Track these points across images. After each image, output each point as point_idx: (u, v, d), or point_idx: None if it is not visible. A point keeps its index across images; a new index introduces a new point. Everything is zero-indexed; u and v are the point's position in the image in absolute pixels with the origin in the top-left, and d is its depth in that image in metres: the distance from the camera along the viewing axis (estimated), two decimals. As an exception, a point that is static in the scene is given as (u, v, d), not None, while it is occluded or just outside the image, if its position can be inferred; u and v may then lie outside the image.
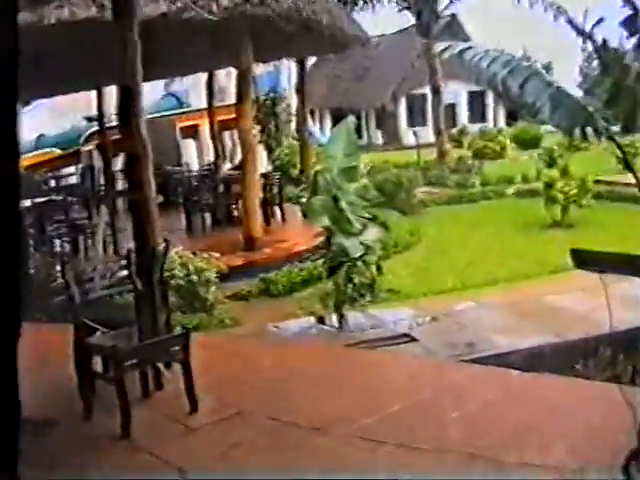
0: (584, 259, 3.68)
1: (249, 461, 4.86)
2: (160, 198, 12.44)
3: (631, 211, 14.83)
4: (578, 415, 5.25)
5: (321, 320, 8.63)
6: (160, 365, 6.03)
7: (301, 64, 16.40)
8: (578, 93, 8.08)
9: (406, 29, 35.72)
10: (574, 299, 8.76)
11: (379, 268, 8.60)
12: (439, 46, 6.94)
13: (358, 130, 12.44)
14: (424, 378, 6.33)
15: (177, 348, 5.71)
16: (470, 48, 6.68)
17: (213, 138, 18.04)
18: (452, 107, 39.86)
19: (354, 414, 5.43)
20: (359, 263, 8.38)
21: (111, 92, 17.57)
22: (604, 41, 5.91)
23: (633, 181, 7.14)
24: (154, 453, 4.96)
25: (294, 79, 21.42)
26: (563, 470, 4.33)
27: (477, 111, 44.42)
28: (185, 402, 5.64)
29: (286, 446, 5.04)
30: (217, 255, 9.71)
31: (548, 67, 45.85)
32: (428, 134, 31.01)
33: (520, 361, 6.66)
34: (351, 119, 9.57)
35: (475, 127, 36.28)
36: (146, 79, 6.38)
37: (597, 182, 16.29)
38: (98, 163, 18.56)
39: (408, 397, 5.71)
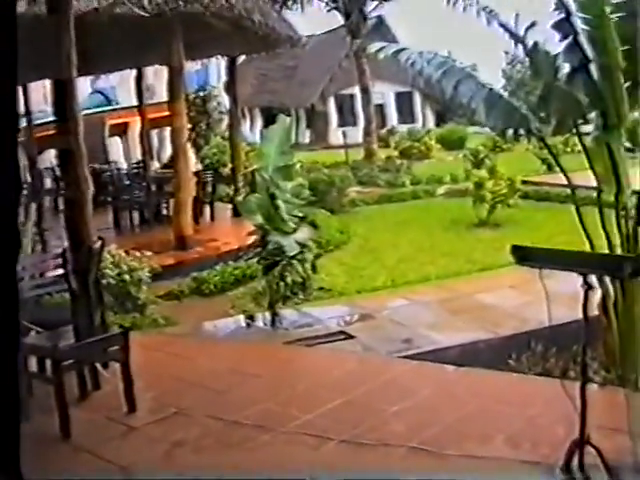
0: (524, 255, 3.79)
1: (192, 460, 4.84)
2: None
3: (555, 210, 15.20)
4: (515, 408, 5.39)
5: (252, 318, 8.65)
6: (98, 365, 5.97)
7: (232, 62, 16.34)
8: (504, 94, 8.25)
9: (334, 29, 35.87)
10: (503, 296, 8.98)
11: (314, 266, 8.65)
12: (374, 46, 7.04)
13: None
14: (363, 374, 6.41)
15: (116, 348, 5.66)
16: (404, 49, 6.80)
17: (142, 136, 17.85)
18: (381, 107, 40.18)
19: (296, 411, 5.47)
20: (294, 262, 8.41)
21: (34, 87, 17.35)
22: (535, 44, 6.07)
23: (558, 181, 7.38)
24: (96, 453, 4.92)
25: (223, 77, 21.38)
26: (503, 461, 4.45)
27: (405, 112, 44.86)
28: (124, 402, 5.59)
29: (229, 444, 5.05)
30: (149, 254, 9.62)
31: (474, 69, 46.45)
32: (357, 134, 31.21)
33: (455, 356, 6.78)
34: (284, 118, 9.59)
35: (404, 127, 36.67)
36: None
37: (525, 182, 16.67)
38: (23, 161, 18.17)
39: (348, 393, 5.77)
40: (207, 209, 15.44)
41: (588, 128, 6.56)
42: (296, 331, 8.10)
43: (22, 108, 17.62)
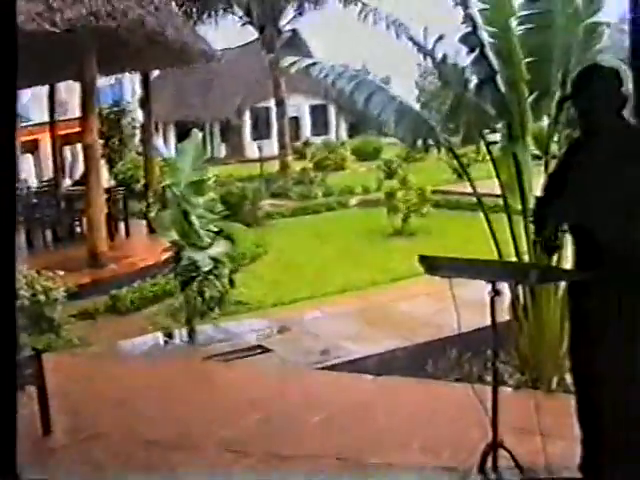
0: (432, 265, 3.87)
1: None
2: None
3: (467, 218, 15.50)
4: (432, 415, 5.49)
5: (169, 336, 8.58)
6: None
7: (145, 77, 16.21)
8: (415, 106, 8.43)
9: (249, 43, 35.88)
10: (419, 304, 9.13)
11: (231, 281, 8.65)
12: (286, 61, 7.11)
13: (202, 144, 12.47)
14: (283, 387, 6.42)
15: (30, 371, 5.53)
16: (316, 63, 6.88)
17: (54, 153, 17.52)
18: (296, 120, 40.34)
19: (214, 427, 5.44)
20: (211, 277, 8.39)
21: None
22: (444, 56, 6.22)
23: (468, 190, 7.52)
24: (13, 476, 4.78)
25: (138, 92, 21.16)
26: (424, 469, 4.52)
27: (320, 124, 45.14)
28: (39, 424, 5.47)
29: (148, 464, 4.98)
30: (62, 273, 9.44)
31: (387, 81, 47.21)
32: (272, 147, 31.25)
33: (373, 366, 6.86)
34: (197, 132, 9.57)
35: (318, 139, 36.89)
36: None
37: (435, 192, 16.96)
38: None
39: (267, 407, 5.78)
40: (122, 226, 15.25)
41: (497, 137, 6.75)
42: (214, 346, 8.07)
43: None
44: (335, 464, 4.73)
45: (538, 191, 6.08)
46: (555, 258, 5.06)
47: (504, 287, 4.27)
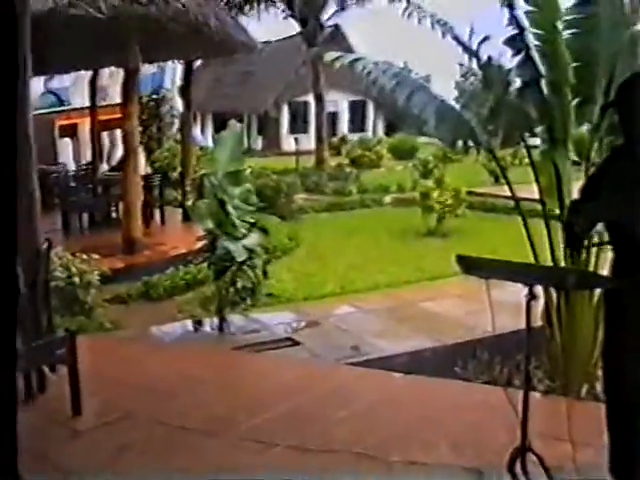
0: (470, 265, 3.86)
1: (138, 464, 4.82)
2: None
3: (502, 221, 15.43)
4: (460, 415, 5.47)
5: (199, 323, 8.63)
6: (45, 368, 5.91)
7: (188, 66, 16.31)
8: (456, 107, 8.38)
9: (291, 37, 35.96)
10: (450, 305, 9.11)
11: (265, 272, 8.68)
12: (330, 55, 7.10)
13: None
14: (310, 380, 6.44)
15: (63, 350, 5.61)
16: (360, 59, 6.88)
17: (93, 138, 17.68)
18: (333, 115, 40.37)
19: (242, 416, 5.48)
20: (244, 267, 8.42)
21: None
22: (489, 58, 6.19)
23: (503, 193, 7.48)
24: (40, 456, 4.86)
25: (177, 81, 21.28)
26: (447, 468, 4.52)
27: (357, 120, 45.14)
28: (69, 405, 5.54)
29: (175, 449, 5.03)
30: (97, 257, 9.54)
31: (427, 80, 47.16)
32: (309, 141, 31.30)
33: (402, 364, 6.86)
34: (236, 123, 9.62)
35: (355, 136, 36.88)
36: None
37: (470, 193, 16.88)
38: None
39: (295, 399, 5.80)
40: (157, 213, 15.36)
41: (536, 141, 6.71)
42: (243, 337, 8.11)
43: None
44: (358, 460, 4.74)
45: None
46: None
47: (540, 291, 4.25)
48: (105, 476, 4.68)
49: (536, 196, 6.71)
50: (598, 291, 6.15)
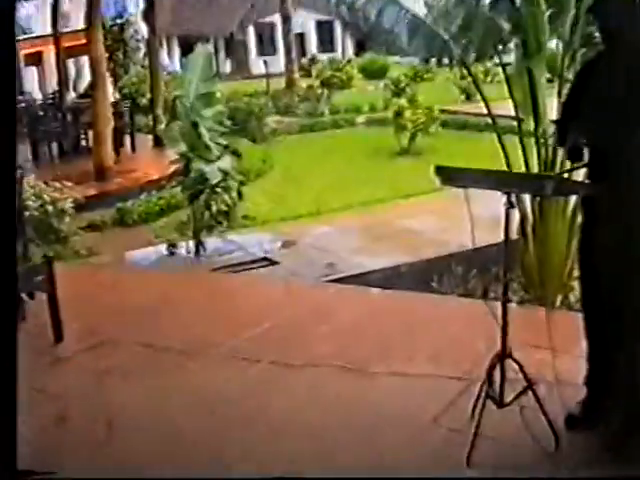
0: (449, 175, 3.85)
1: (123, 387, 4.87)
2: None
3: (474, 138, 15.46)
4: (438, 328, 5.56)
5: (175, 247, 8.63)
6: (23, 295, 5.89)
7: (150, -12, 15.96)
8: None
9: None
10: (425, 221, 9.19)
11: (240, 194, 8.67)
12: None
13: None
14: (289, 298, 6.50)
15: (40, 277, 5.60)
16: (330, -26, 6.74)
17: (58, 66, 17.34)
18: (301, 36, 39.75)
19: (223, 336, 5.53)
20: (219, 189, 8.40)
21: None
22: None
23: (476, 110, 7.46)
24: (24, 382, 4.88)
25: (141, 4, 20.82)
26: (429, 377, 4.62)
27: (326, 41, 44.49)
28: (50, 332, 5.56)
29: (160, 370, 5.06)
30: (70, 185, 9.46)
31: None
32: (278, 63, 30.89)
33: (379, 280, 6.93)
34: (205, 46, 9.50)
35: (324, 57, 36.38)
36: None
37: (442, 111, 16.82)
38: None
39: (275, 317, 5.85)
40: (127, 140, 15.20)
41: (509, 59, 6.69)
42: (221, 259, 8.15)
43: None
44: (341, 373, 4.82)
45: (552, 113, 6.10)
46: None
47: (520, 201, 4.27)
48: (91, 398, 4.72)
49: (509, 113, 6.72)
50: (571, 204, 6.24)
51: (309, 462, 3.89)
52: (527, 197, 6.01)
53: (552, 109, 6.12)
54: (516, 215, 3.89)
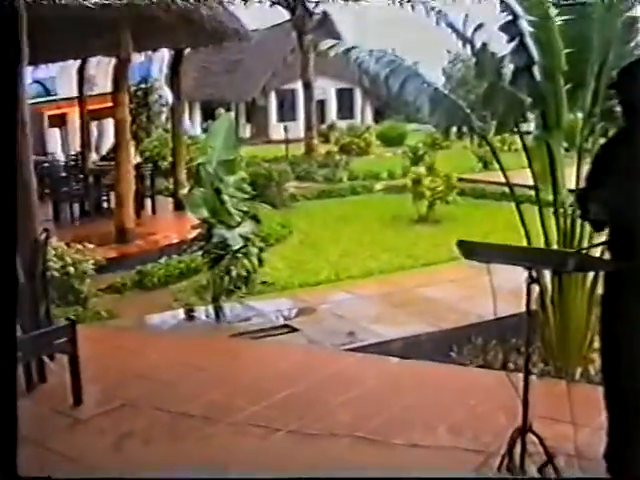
0: (470, 249, 3.90)
1: (141, 451, 4.87)
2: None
3: (492, 207, 15.55)
4: (458, 399, 5.54)
5: (192, 312, 8.67)
6: (45, 357, 5.94)
7: (177, 55, 16.28)
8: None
9: (279, 24, 35.86)
10: (444, 290, 9.17)
11: (260, 260, 8.72)
12: (326, 44, 7.14)
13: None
14: (309, 366, 6.50)
15: (63, 339, 5.64)
16: (355, 47, 6.93)
17: (82, 128, 17.66)
18: (321, 103, 40.28)
19: (243, 403, 5.53)
20: (239, 255, 8.47)
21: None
22: (484, 45, 6.24)
23: (494, 179, 7.51)
24: (43, 445, 4.90)
25: (165, 69, 21.24)
26: (447, 450, 4.59)
27: (345, 108, 45.07)
28: (70, 394, 5.58)
29: (177, 436, 5.07)
30: (91, 246, 9.56)
31: (415, 66, 46.92)
32: (298, 129, 31.28)
33: (398, 349, 6.93)
34: (229, 112, 9.67)
35: (343, 123, 36.85)
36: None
37: (460, 180, 16.94)
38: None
39: (295, 385, 5.85)
40: (148, 203, 15.38)
41: (527, 128, 6.78)
42: (240, 324, 8.16)
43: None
44: (359, 444, 4.81)
45: (570, 183, 6.18)
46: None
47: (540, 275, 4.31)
48: (110, 463, 4.72)
49: (526, 182, 6.79)
50: (590, 276, 6.26)
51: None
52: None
53: (570, 180, 6.19)
54: (536, 287, 3.90)
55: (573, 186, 5.97)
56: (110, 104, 12.65)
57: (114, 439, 5.06)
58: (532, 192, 6.69)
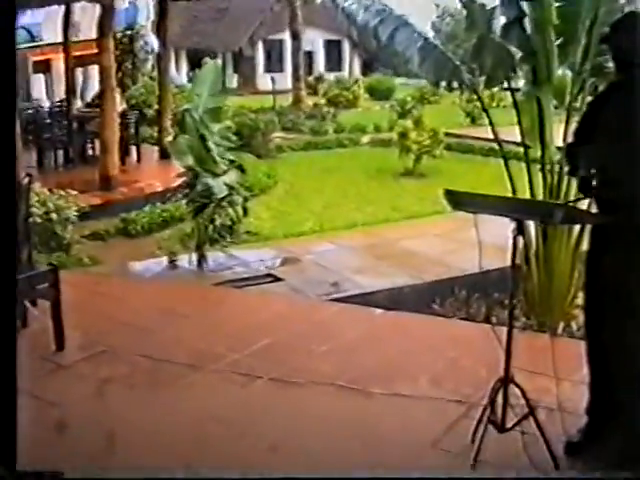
0: (458, 200, 3.88)
1: (123, 397, 4.87)
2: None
3: (478, 162, 15.54)
4: (439, 350, 5.58)
5: (175, 260, 8.64)
6: (27, 303, 5.91)
7: (163, 1, 16.01)
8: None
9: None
10: (428, 243, 9.19)
11: (245, 209, 8.69)
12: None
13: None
14: (292, 315, 6.52)
15: (45, 285, 5.61)
16: (344, -6, 6.81)
17: (67, 74, 17.39)
18: (309, 55, 39.86)
19: (225, 350, 5.54)
20: (224, 204, 8.42)
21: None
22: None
23: (481, 135, 7.45)
24: (26, 391, 4.88)
25: (151, 16, 20.91)
26: (430, 400, 4.62)
27: (333, 60, 44.63)
28: (52, 340, 5.56)
29: (160, 382, 5.09)
30: (74, 193, 9.47)
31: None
32: (285, 80, 30.99)
33: (382, 300, 6.94)
34: (216, 60, 9.55)
35: (331, 75, 36.50)
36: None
37: (447, 134, 16.87)
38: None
39: (277, 333, 5.87)
40: (133, 151, 15.24)
41: (517, 85, 6.73)
42: (223, 273, 8.16)
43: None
44: (341, 392, 4.83)
45: (558, 141, 6.14)
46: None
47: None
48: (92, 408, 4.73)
49: (514, 139, 6.77)
50: (575, 232, 6.27)
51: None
52: (532, 224, 6.02)
53: (559, 137, 6.17)
54: (521, 240, 3.89)
55: (561, 144, 5.94)
56: (95, 50, 12.45)
57: (96, 385, 5.06)
58: (520, 149, 6.67)
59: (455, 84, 6.69)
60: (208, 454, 4.14)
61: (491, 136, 6.91)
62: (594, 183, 3.75)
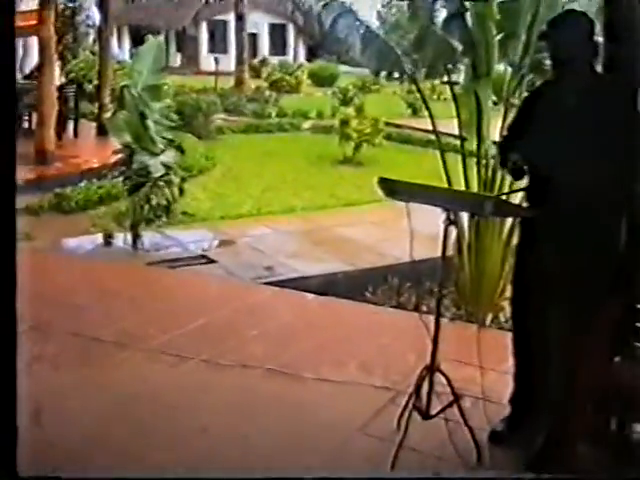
0: (391, 188, 3.90)
1: (51, 376, 4.81)
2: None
3: (417, 153, 15.67)
4: (370, 337, 5.63)
5: (112, 238, 8.55)
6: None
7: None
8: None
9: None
10: (364, 231, 9.27)
11: (181, 190, 8.63)
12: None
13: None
14: (224, 297, 6.50)
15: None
16: (289, -22, 6.79)
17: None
18: (254, 37, 39.66)
19: (156, 330, 5.51)
20: (161, 183, 8.36)
21: None
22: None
23: (420, 125, 7.53)
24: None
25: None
26: (358, 386, 4.67)
27: (278, 44, 44.47)
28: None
29: (89, 360, 5.04)
30: (8, 166, 9.28)
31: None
32: (229, 62, 30.78)
33: (315, 286, 6.98)
34: (157, 38, 9.46)
35: (275, 59, 36.41)
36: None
37: (388, 124, 16.97)
38: None
39: (209, 315, 5.85)
40: (70, 126, 14.99)
41: (458, 79, 6.81)
42: (157, 253, 8.11)
43: None
44: (271, 376, 4.85)
45: (495, 135, 6.23)
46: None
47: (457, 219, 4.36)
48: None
49: (452, 131, 6.85)
50: (507, 226, 6.38)
51: (232, 463, 3.91)
52: (465, 215, 6.12)
53: (495, 131, 6.26)
54: (453, 232, 3.95)
55: (498, 138, 6.03)
56: (35, 21, 12.19)
57: (23, 363, 4.97)
58: (457, 142, 6.76)
59: (396, 74, 6.72)
60: (136, 433, 4.12)
61: (431, 127, 6.98)
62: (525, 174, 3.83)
